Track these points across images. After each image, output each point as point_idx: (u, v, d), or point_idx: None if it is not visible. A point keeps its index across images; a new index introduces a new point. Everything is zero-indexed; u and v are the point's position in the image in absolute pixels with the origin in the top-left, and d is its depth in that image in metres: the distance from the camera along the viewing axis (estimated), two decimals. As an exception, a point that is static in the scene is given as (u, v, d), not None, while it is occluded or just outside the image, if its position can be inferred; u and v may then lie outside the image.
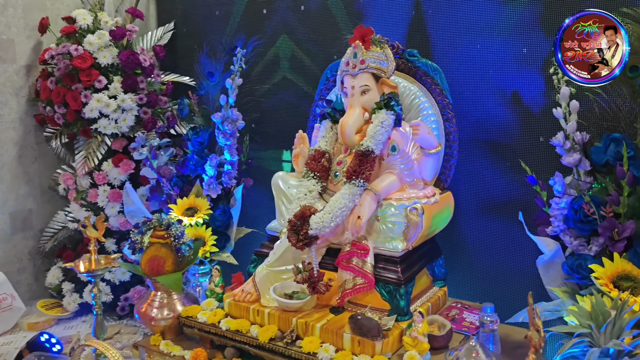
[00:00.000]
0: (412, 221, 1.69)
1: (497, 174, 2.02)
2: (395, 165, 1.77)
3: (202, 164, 2.32)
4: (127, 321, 2.59)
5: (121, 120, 2.51)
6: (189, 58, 2.79)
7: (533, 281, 1.93)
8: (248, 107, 2.42)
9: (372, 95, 1.83)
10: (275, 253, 1.85)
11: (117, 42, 2.56)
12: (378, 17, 2.22)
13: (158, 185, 2.40)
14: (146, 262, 1.91)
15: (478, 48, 2.01)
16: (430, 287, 1.94)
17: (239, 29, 2.59)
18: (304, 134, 1.94)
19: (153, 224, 1.93)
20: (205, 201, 2.30)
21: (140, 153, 2.39)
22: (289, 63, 2.49)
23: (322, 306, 1.78)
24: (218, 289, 1.97)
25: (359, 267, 1.70)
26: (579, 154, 1.64)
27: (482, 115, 2.02)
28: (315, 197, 1.80)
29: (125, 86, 2.51)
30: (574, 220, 1.61)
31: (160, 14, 2.95)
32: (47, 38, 2.64)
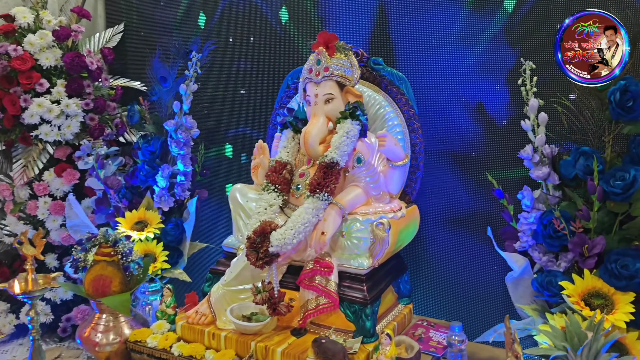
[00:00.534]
0: (379, 237, 1.61)
1: (463, 186, 1.97)
2: (361, 178, 1.69)
3: (154, 174, 2.17)
4: (69, 343, 2.42)
5: (65, 127, 2.36)
6: (140, 62, 2.64)
7: (501, 297, 1.89)
8: (203, 114, 2.29)
9: (336, 104, 1.75)
10: (232, 271, 1.73)
11: (61, 43, 2.40)
12: (340, 22, 2.15)
13: (105, 197, 2.24)
14: (90, 281, 1.75)
15: (443, 58, 1.97)
16: (396, 304, 1.86)
17: (194, 31, 2.47)
18: (264, 143, 1.84)
19: (98, 240, 1.77)
20: (156, 214, 2.16)
21: (86, 162, 2.23)
22: (247, 68, 2.38)
23: (283, 328, 1.67)
24: (170, 310, 1.82)
25: (323, 286, 1.60)
26: (547, 167, 1.60)
27: (448, 127, 1.97)
28: (276, 212, 1.70)
29: (69, 90, 2.36)
30: (543, 236, 1.57)
31: (109, 14, 2.79)
32: (-18, 37, 2.44)
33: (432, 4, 1.95)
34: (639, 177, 1.43)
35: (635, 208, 1.47)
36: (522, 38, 1.82)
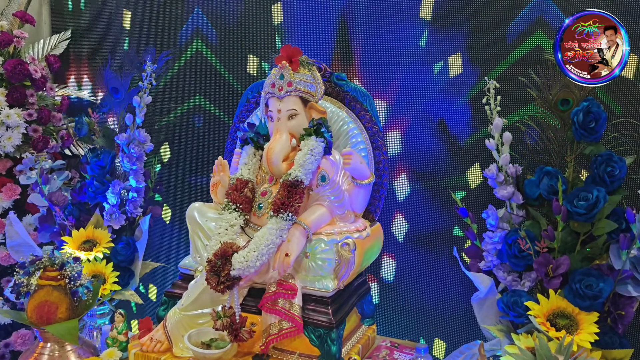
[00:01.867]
0: (344, 258, 1.56)
1: (428, 205, 1.96)
2: (325, 197, 1.64)
3: (103, 190, 2.05)
4: (8, 372, 2.24)
5: (5, 139, 2.20)
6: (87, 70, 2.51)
7: (464, 316, 1.88)
8: (157, 127, 2.19)
9: (299, 120, 1.69)
10: (190, 295, 1.64)
11: (2, 49, 2.25)
12: (302, 36, 2.10)
13: (49, 214, 2.10)
14: (34, 308, 1.62)
15: (406, 74, 1.96)
16: (359, 326, 1.82)
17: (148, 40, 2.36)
18: (224, 160, 1.76)
19: (43, 263, 1.64)
20: (106, 233, 2.03)
21: (28, 177, 2.08)
22: (204, 81, 2.29)
23: (244, 354, 1.59)
24: (122, 337, 1.72)
25: (286, 309, 1.54)
26: (512, 186, 1.60)
27: (412, 144, 1.96)
28: (237, 232, 1.62)
29: (10, 100, 2.21)
30: (509, 255, 1.56)
31: (54, 20, 2.65)
32: None
33: (395, 19, 1.94)
34: (601, 197, 1.44)
35: (597, 228, 1.48)
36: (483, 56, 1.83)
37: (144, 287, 2.16)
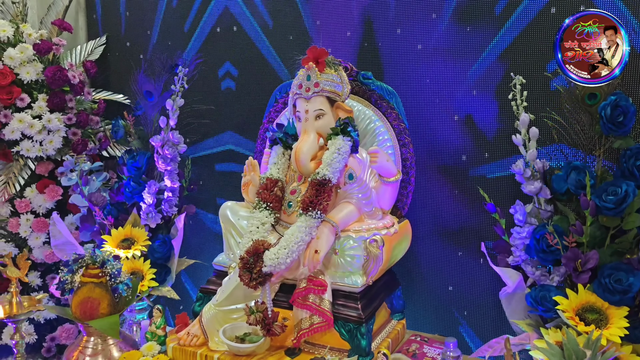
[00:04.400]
0: (372, 254, 1.59)
1: (455, 200, 1.97)
2: (353, 195, 1.68)
3: (140, 191, 2.13)
4: (54, 364, 2.36)
5: (47, 142, 2.30)
6: (123, 75, 2.59)
7: (493, 311, 1.90)
8: (190, 129, 2.26)
9: (327, 119, 1.73)
10: (224, 291, 1.70)
11: (42, 56, 2.34)
12: (328, 36, 2.13)
13: (89, 214, 2.19)
14: (78, 304, 1.70)
15: (432, 71, 1.97)
16: (389, 320, 1.85)
17: (179, 45, 2.43)
18: (254, 160, 1.81)
19: (85, 262, 1.73)
20: (143, 231, 2.11)
21: (69, 178, 2.18)
22: (233, 83, 2.35)
23: (277, 348, 1.64)
24: (160, 331, 1.79)
25: (317, 304, 1.58)
26: (539, 182, 1.61)
27: (439, 140, 1.97)
28: (268, 230, 1.67)
29: (51, 105, 2.30)
30: (537, 250, 1.57)
31: (90, 26, 2.74)
32: (-40, 51, 2.37)
33: (420, 17, 1.95)
34: (630, 191, 1.44)
35: (627, 222, 1.48)
36: (512, 52, 1.83)
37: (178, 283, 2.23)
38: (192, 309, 1.81)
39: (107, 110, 2.55)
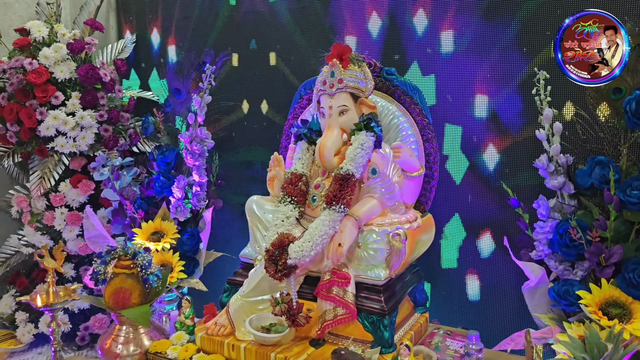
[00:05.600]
0: (395, 248, 1.62)
1: (478, 195, 1.98)
2: (376, 189, 1.70)
3: (169, 185, 2.19)
4: (87, 352, 2.44)
5: (80, 139, 2.37)
6: (152, 72, 2.66)
7: (515, 305, 1.90)
8: (217, 124, 2.31)
9: (350, 115, 1.76)
10: (250, 282, 1.75)
11: (75, 55, 2.42)
12: (352, 32, 2.16)
13: (121, 208, 2.26)
14: (110, 294, 1.77)
15: (455, 66, 1.97)
16: (412, 313, 1.87)
17: (207, 43, 2.49)
18: (279, 156, 1.85)
19: (118, 253, 1.79)
20: (172, 225, 2.18)
21: (101, 173, 2.25)
22: (259, 80, 2.39)
23: (301, 338, 1.68)
24: (188, 321, 1.85)
25: (340, 296, 1.62)
26: (563, 177, 1.61)
27: (462, 136, 1.98)
28: (292, 224, 1.71)
29: (84, 102, 2.38)
30: (560, 245, 1.57)
31: (120, 25, 2.81)
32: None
33: (444, 13, 1.96)
34: (655, 186, 1.43)
35: (652, 217, 1.47)
36: (535, 46, 1.83)
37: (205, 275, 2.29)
38: (220, 299, 1.86)
39: (137, 107, 2.62)
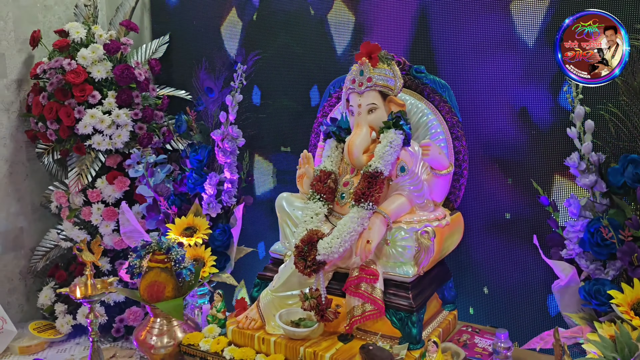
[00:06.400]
0: (424, 245, 1.63)
1: (508, 193, 1.97)
2: (405, 187, 1.72)
3: (202, 182, 2.24)
4: (122, 343, 2.52)
5: (116, 136, 2.44)
6: (185, 71, 2.71)
7: (545, 303, 1.89)
8: (247, 123, 2.35)
9: (379, 113, 1.77)
10: (280, 277, 1.79)
11: (111, 56, 2.49)
12: (380, 31, 2.17)
13: (155, 204, 2.33)
14: (145, 287, 1.83)
15: (485, 64, 1.97)
16: (440, 311, 1.88)
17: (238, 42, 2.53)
18: (308, 153, 1.88)
19: (152, 248, 1.85)
20: (204, 220, 2.23)
21: (136, 170, 2.31)
22: (289, 78, 2.42)
23: (330, 333, 1.71)
24: (220, 315, 1.90)
25: (368, 293, 1.64)
26: (594, 175, 1.59)
27: (492, 133, 1.97)
28: (321, 220, 1.74)
29: (119, 101, 2.45)
30: (591, 244, 1.56)
31: (154, 26, 2.88)
32: (39, 52, 2.57)
33: (473, 11, 1.95)
34: (690, 185, 1.41)
35: (686, 217, 1.45)
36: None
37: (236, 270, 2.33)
38: (250, 294, 1.90)
39: (170, 106, 2.68)
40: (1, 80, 2.49)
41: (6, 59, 2.50)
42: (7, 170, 2.55)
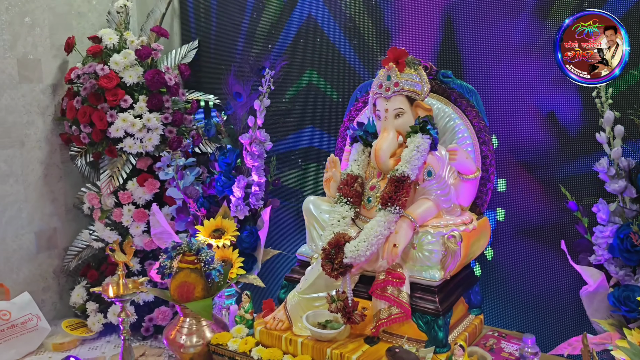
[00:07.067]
0: (450, 249, 1.64)
1: (535, 198, 1.96)
2: (431, 191, 1.73)
3: (230, 185, 2.29)
4: (151, 342, 2.56)
5: (146, 140, 2.49)
6: (213, 76, 2.76)
7: (573, 309, 1.88)
8: (274, 127, 2.39)
9: (406, 118, 1.79)
10: (307, 280, 1.81)
11: (143, 61, 2.55)
12: (406, 35, 2.18)
13: (184, 206, 2.38)
14: (175, 287, 1.88)
15: (512, 68, 1.97)
16: (466, 315, 1.88)
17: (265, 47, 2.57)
18: (335, 157, 1.90)
19: (182, 249, 1.90)
20: (232, 223, 2.27)
21: (166, 173, 2.36)
22: (315, 84, 2.45)
23: (356, 336, 1.73)
24: (248, 315, 1.93)
25: (395, 296, 1.65)
26: (624, 180, 1.58)
27: (519, 138, 1.97)
28: (348, 224, 1.76)
29: (150, 105, 2.50)
30: (620, 250, 1.55)
31: (184, 31, 2.94)
32: (73, 57, 2.64)
33: (500, 15, 1.95)
34: None
35: None
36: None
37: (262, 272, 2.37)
38: (277, 295, 1.93)
39: (198, 110, 2.73)
40: (37, 85, 2.57)
41: (42, 64, 2.58)
42: (42, 172, 2.63)
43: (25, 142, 2.55)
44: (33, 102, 2.56)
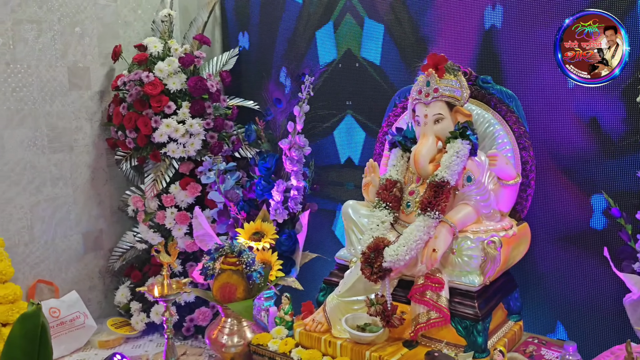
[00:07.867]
0: (490, 255, 1.64)
1: (576, 204, 1.94)
2: (471, 196, 1.73)
3: (269, 189, 2.34)
4: (192, 342, 2.63)
5: (189, 145, 2.56)
6: (253, 82, 2.82)
7: (615, 317, 1.85)
8: (313, 132, 2.43)
9: (445, 124, 1.80)
10: (346, 283, 1.84)
11: (186, 68, 2.62)
12: (445, 42, 2.19)
13: (225, 209, 2.43)
14: (218, 288, 1.93)
15: (552, 73, 1.95)
16: (506, 321, 1.88)
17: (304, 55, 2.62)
18: (374, 162, 1.93)
19: (225, 251, 1.95)
20: (271, 226, 2.31)
21: (208, 177, 2.42)
22: (354, 89, 2.48)
23: (395, 339, 1.75)
24: (288, 317, 1.97)
25: (434, 301, 1.66)
26: (670, 187, 1.56)
27: (560, 143, 1.95)
28: (387, 228, 1.78)
29: (193, 111, 2.56)
30: (666, 258, 1.53)
31: (224, 39, 3.01)
32: (120, 65, 2.74)
33: (540, 20, 1.94)
34: None
35: None
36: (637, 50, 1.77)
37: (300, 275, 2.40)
38: (316, 298, 1.97)
39: (239, 116, 2.80)
40: (86, 92, 2.68)
41: (90, 72, 2.69)
42: (89, 176, 2.73)
43: (74, 147, 2.66)
44: (82, 108, 2.67)
